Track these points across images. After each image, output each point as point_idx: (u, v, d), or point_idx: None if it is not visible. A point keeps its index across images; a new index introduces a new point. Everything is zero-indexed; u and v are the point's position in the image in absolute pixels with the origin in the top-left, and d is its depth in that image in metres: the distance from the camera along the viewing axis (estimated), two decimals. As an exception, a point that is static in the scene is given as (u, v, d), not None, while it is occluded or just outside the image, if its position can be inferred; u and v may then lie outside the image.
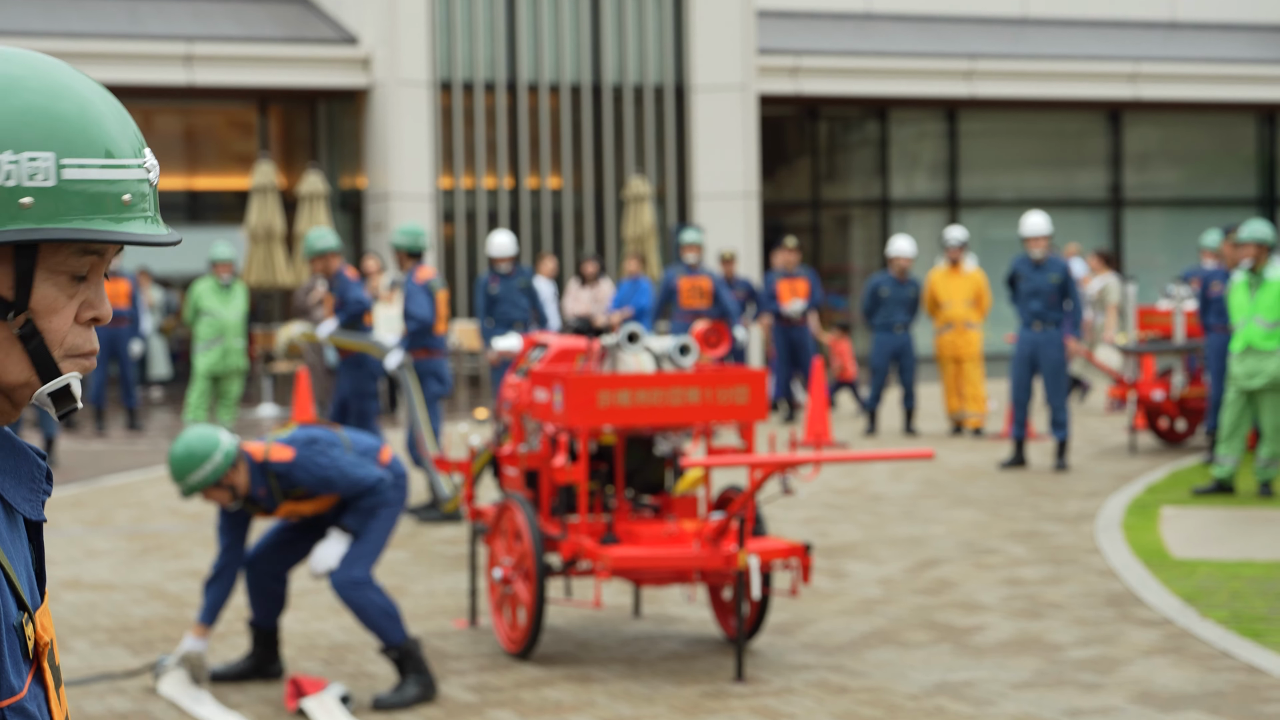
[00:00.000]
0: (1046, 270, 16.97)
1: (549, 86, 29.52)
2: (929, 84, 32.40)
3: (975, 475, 16.68)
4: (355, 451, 8.66)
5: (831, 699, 8.43)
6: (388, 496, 8.59)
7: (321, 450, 8.52)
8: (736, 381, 9.30)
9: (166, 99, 30.36)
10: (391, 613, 8.51)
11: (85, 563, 12.49)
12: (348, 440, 8.72)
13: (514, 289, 19.10)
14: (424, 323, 14.83)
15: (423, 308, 14.86)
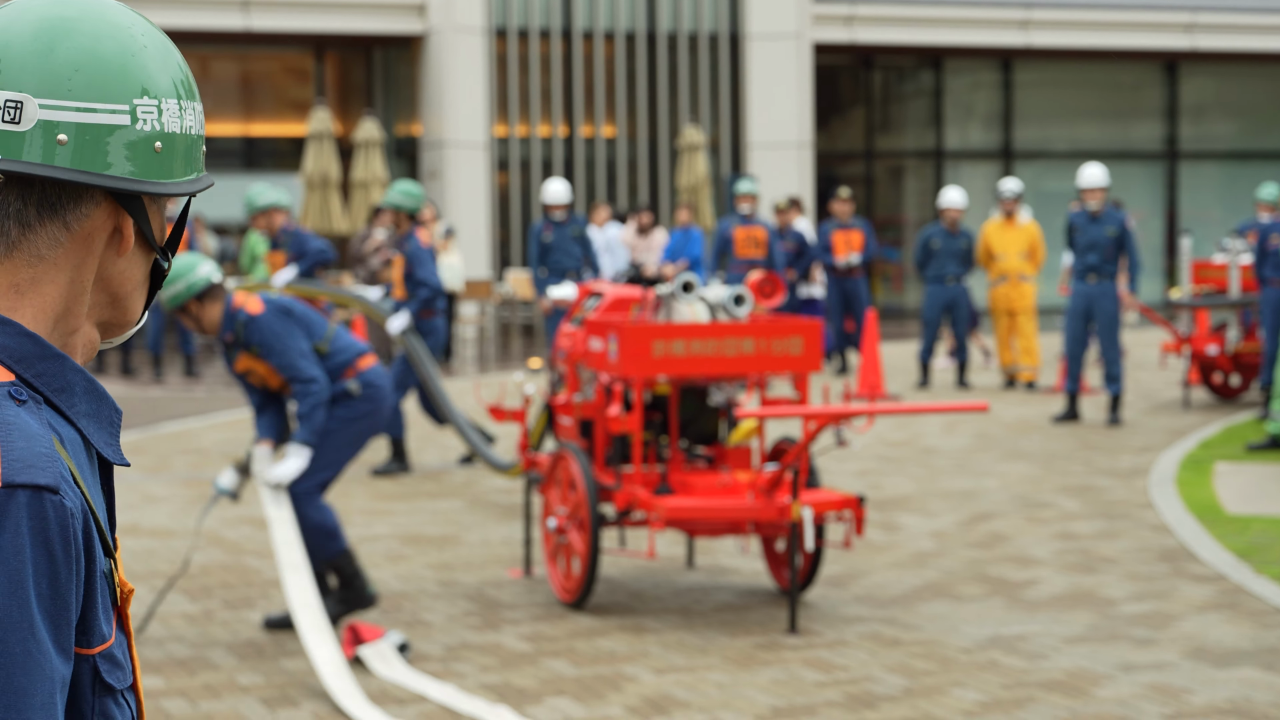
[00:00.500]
0: (1103, 223, 16.91)
1: (604, 34, 29.51)
2: (984, 33, 32.25)
3: (1028, 429, 16.67)
4: (330, 347, 8.96)
5: (884, 651, 8.47)
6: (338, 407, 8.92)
7: (285, 322, 8.79)
8: (791, 332, 9.31)
9: (223, 44, 30.45)
10: (328, 528, 8.76)
11: (144, 509, 12.61)
12: (329, 335, 8.98)
13: (567, 237, 19.13)
14: (437, 290, 14.33)
15: (434, 274, 14.38)
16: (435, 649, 8.60)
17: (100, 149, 1.98)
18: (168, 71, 2.05)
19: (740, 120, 30.34)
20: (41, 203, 2.00)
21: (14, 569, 1.83)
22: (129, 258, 2.07)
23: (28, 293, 2.01)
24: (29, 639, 1.83)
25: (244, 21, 28.13)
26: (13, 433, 1.89)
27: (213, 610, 9.41)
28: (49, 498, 1.86)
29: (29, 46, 1.98)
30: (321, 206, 24.07)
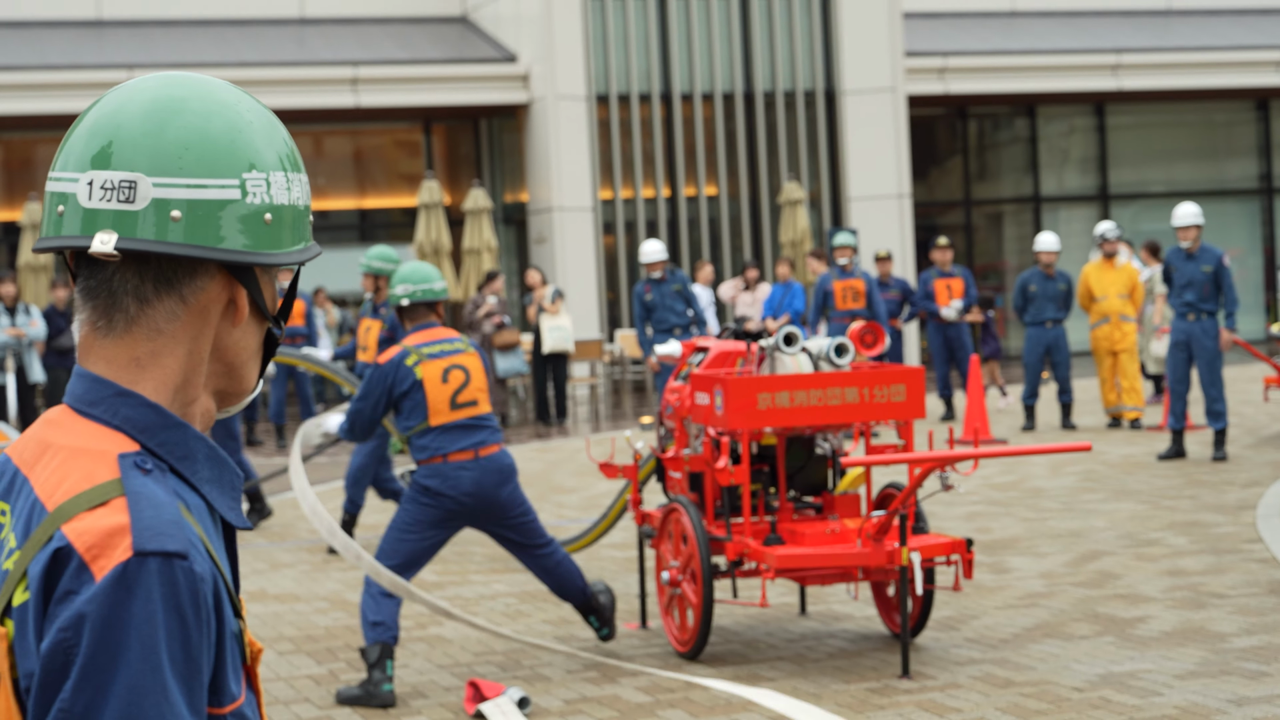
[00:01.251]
0: (1199, 260, 16.98)
1: (702, 95, 29.77)
2: (1076, 79, 32.29)
3: (1134, 467, 16.71)
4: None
5: (997, 693, 8.56)
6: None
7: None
8: (894, 380, 9.45)
9: (335, 121, 30.95)
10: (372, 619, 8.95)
11: (270, 574, 12.90)
12: None
13: (668, 294, 19.34)
14: None
15: None
16: (555, 703, 8.75)
17: (213, 223, 2.04)
18: (274, 146, 2.12)
19: (839, 174, 30.50)
20: (158, 278, 2.06)
21: (147, 635, 1.89)
22: (243, 328, 2.13)
23: (148, 366, 2.07)
24: (163, 703, 1.88)
25: (354, 99, 28.61)
26: (141, 501, 1.95)
27: (338, 671, 9.64)
28: (179, 564, 1.92)
29: (141, 127, 2.05)
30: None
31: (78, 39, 28.64)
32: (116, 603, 1.89)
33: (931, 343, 22.00)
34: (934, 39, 32.15)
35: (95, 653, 1.88)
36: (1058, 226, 33.82)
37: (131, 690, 1.88)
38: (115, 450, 2.01)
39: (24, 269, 24.34)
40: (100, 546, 1.92)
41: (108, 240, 2.02)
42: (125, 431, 2.04)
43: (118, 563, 1.90)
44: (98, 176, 2.04)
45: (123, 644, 1.88)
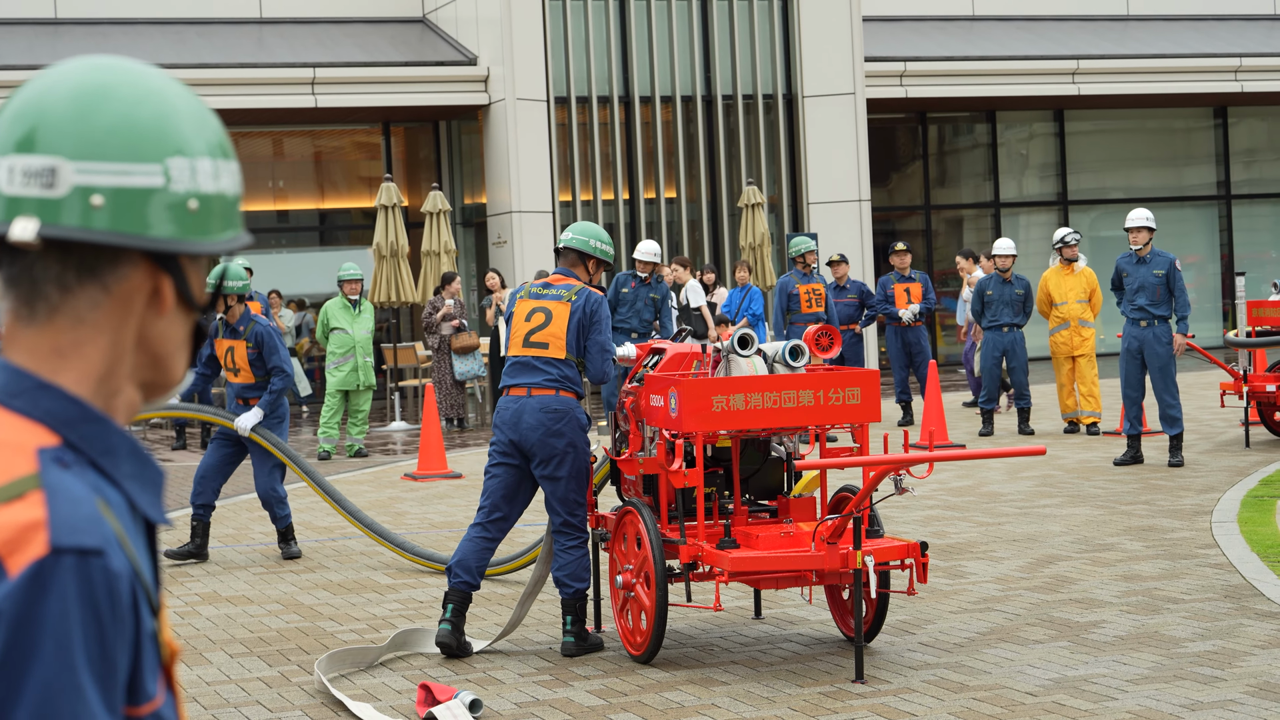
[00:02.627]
0: (1151, 265, 17.03)
1: (661, 99, 29.78)
2: (1035, 85, 32.40)
3: (1091, 472, 16.74)
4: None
5: (951, 697, 8.55)
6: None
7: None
8: (849, 383, 9.44)
9: (294, 123, 30.88)
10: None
11: (223, 577, 12.84)
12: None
13: (644, 297, 19.35)
14: (291, 376, 13.69)
15: (288, 358, 13.71)
16: (507, 706, 8.73)
17: (135, 210, 2.00)
18: (202, 133, 2.07)
19: (799, 178, 30.53)
20: (80, 266, 2.01)
21: (62, 633, 1.85)
22: (169, 318, 2.08)
23: (70, 356, 2.02)
24: (77, 702, 1.85)
25: (313, 100, 28.54)
26: (58, 497, 1.91)
27: (289, 674, 9.59)
28: (95, 561, 1.88)
29: (66, 112, 2.00)
30: (391, 278, 24.37)
31: (34, 38, 28.51)
32: (31, 600, 1.85)
33: (890, 347, 22.02)
34: (894, 44, 32.20)
35: (8, 650, 1.84)
36: (1017, 232, 33.91)
37: (46, 689, 1.84)
38: (34, 444, 1.96)
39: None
40: (15, 542, 1.87)
41: (28, 227, 1.97)
42: (46, 424, 1.99)
43: (33, 559, 1.86)
44: (18, 162, 1.99)
45: (37, 642, 1.84)
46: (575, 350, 9.89)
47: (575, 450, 9.81)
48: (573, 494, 9.86)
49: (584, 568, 9.83)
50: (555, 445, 9.77)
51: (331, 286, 26.31)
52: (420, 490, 17.48)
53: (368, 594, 11.92)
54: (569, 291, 9.94)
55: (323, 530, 14.92)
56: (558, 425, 9.76)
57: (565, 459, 9.79)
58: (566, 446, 9.78)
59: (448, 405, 23.78)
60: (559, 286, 10.00)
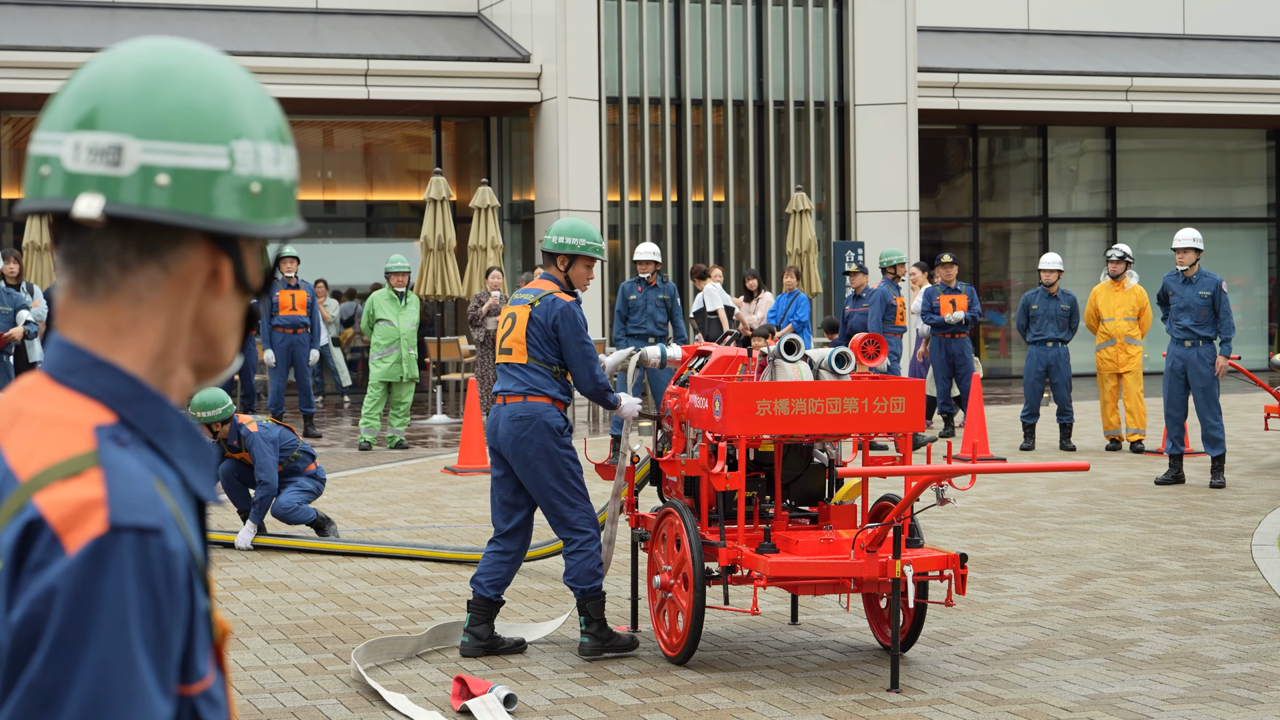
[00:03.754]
0: (1197, 285, 16.97)
1: (713, 102, 29.77)
2: (1088, 101, 32.29)
3: (1132, 490, 16.69)
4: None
5: (986, 710, 8.53)
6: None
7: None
8: (894, 392, 9.43)
9: (345, 114, 30.96)
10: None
11: (261, 563, 12.88)
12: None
13: (653, 300, 19.34)
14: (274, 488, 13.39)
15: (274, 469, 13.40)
16: (541, 702, 8.74)
17: (200, 191, 2.00)
18: (263, 117, 2.08)
19: (847, 186, 30.50)
20: (141, 244, 2.01)
21: (119, 611, 1.85)
22: (225, 300, 2.08)
23: (127, 334, 2.03)
24: (132, 681, 1.85)
25: (365, 92, 28.61)
26: (117, 475, 1.91)
27: (325, 662, 9.62)
28: (153, 539, 1.88)
29: (131, 91, 2.00)
30: (438, 271, 24.42)
31: (91, 20, 28.63)
32: (89, 577, 1.85)
33: (933, 357, 21.97)
34: (947, 55, 32.14)
35: (65, 627, 1.85)
36: (1064, 248, 33.82)
37: (101, 666, 1.84)
38: (91, 421, 1.97)
39: (29, 248, 24.32)
40: (74, 519, 1.88)
41: (93, 204, 1.98)
42: (102, 401, 2.00)
43: (92, 536, 1.87)
44: (84, 139, 1.99)
45: (94, 619, 1.85)
46: (541, 355, 9.71)
47: (548, 455, 9.63)
48: (556, 499, 9.67)
49: (589, 570, 9.69)
50: (525, 453, 9.63)
51: (377, 278, 26.41)
52: (460, 484, 17.51)
53: (405, 585, 11.95)
54: (534, 296, 9.81)
55: (362, 520, 14.96)
56: (524, 433, 9.62)
57: (538, 465, 9.63)
58: (537, 453, 9.62)
59: (489, 400, 23.81)
60: (529, 290, 9.91)
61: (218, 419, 13.16)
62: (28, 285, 19.70)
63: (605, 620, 9.72)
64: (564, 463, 9.68)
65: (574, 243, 9.82)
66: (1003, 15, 33.95)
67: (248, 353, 21.10)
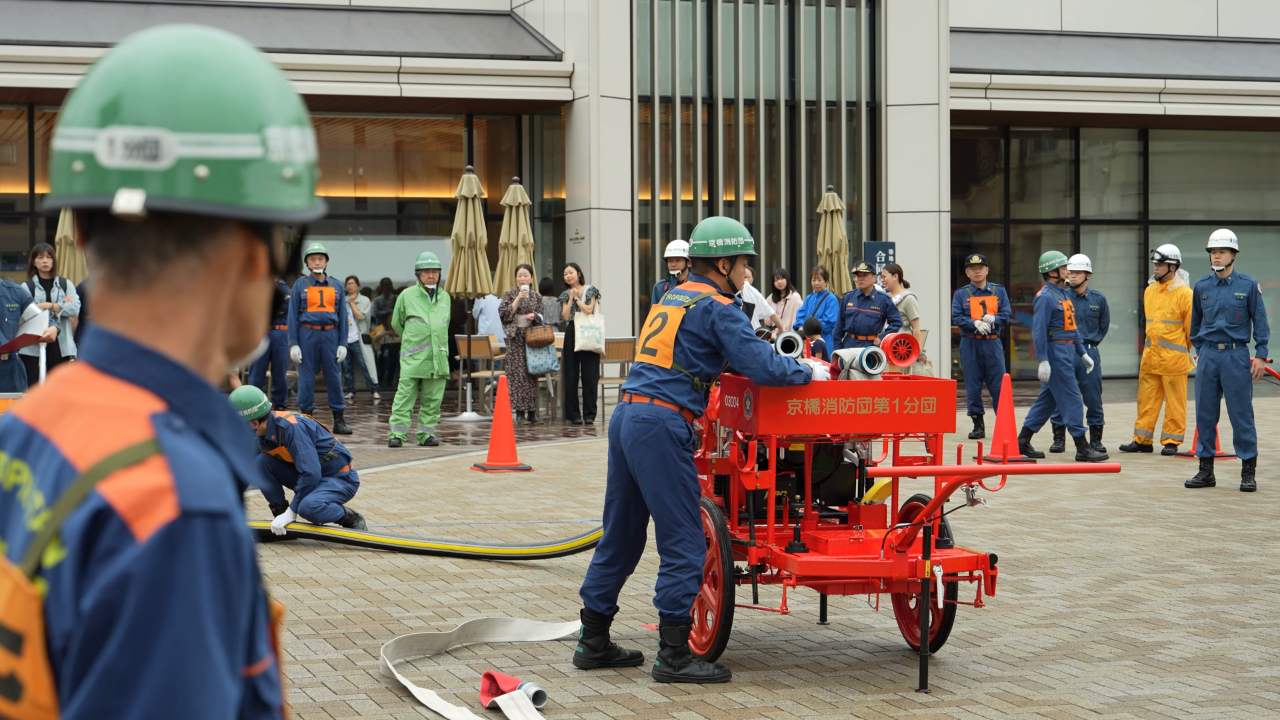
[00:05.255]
0: (1232, 287, 16.93)
1: (745, 101, 29.76)
2: (1121, 103, 32.21)
3: (1162, 493, 16.65)
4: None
5: (1014, 711, 8.52)
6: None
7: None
8: (926, 392, 9.43)
9: (377, 111, 31.01)
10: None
11: (291, 558, 12.92)
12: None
13: None
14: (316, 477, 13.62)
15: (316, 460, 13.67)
16: (570, 699, 8.75)
17: (237, 180, 2.02)
18: (287, 102, 2.10)
19: (879, 187, 30.47)
20: (180, 236, 2.03)
21: (192, 595, 1.88)
22: (259, 285, 2.11)
23: (169, 323, 2.05)
24: (205, 663, 1.88)
25: (398, 90, 28.66)
26: (182, 461, 1.94)
27: (355, 657, 9.65)
28: (223, 524, 1.92)
29: (158, 82, 2.01)
30: (469, 269, 24.45)
31: (125, 16, 28.72)
32: (162, 562, 1.88)
33: (964, 359, 21.94)
34: (980, 56, 32.10)
35: (140, 612, 1.87)
36: (1095, 250, 33.74)
37: (175, 649, 1.87)
38: (144, 409, 1.99)
39: (61, 242, 24.41)
40: (143, 506, 1.90)
41: (133, 199, 1.99)
42: (151, 390, 2.02)
43: (163, 522, 1.89)
44: (118, 134, 2.01)
45: (168, 604, 1.88)
46: (685, 360, 9.25)
47: (665, 464, 9.13)
48: (665, 513, 9.16)
49: (672, 598, 9.15)
50: (643, 457, 9.16)
51: (408, 275, 26.43)
52: (489, 481, 17.54)
53: (435, 581, 11.98)
54: (690, 298, 9.35)
55: (391, 516, 14.99)
56: (645, 436, 9.15)
57: (654, 473, 9.15)
58: (655, 460, 9.13)
59: (519, 398, 23.85)
60: (684, 292, 9.45)
61: (255, 416, 13.23)
62: (60, 280, 19.76)
63: (683, 648, 9.19)
64: (680, 476, 9.17)
65: (733, 243, 9.41)
66: (1036, 16, 33.90)
67: (279, 349, 21.10)
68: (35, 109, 29.86)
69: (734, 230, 9.51)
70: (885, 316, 21.92)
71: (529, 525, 14.60)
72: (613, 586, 9.50)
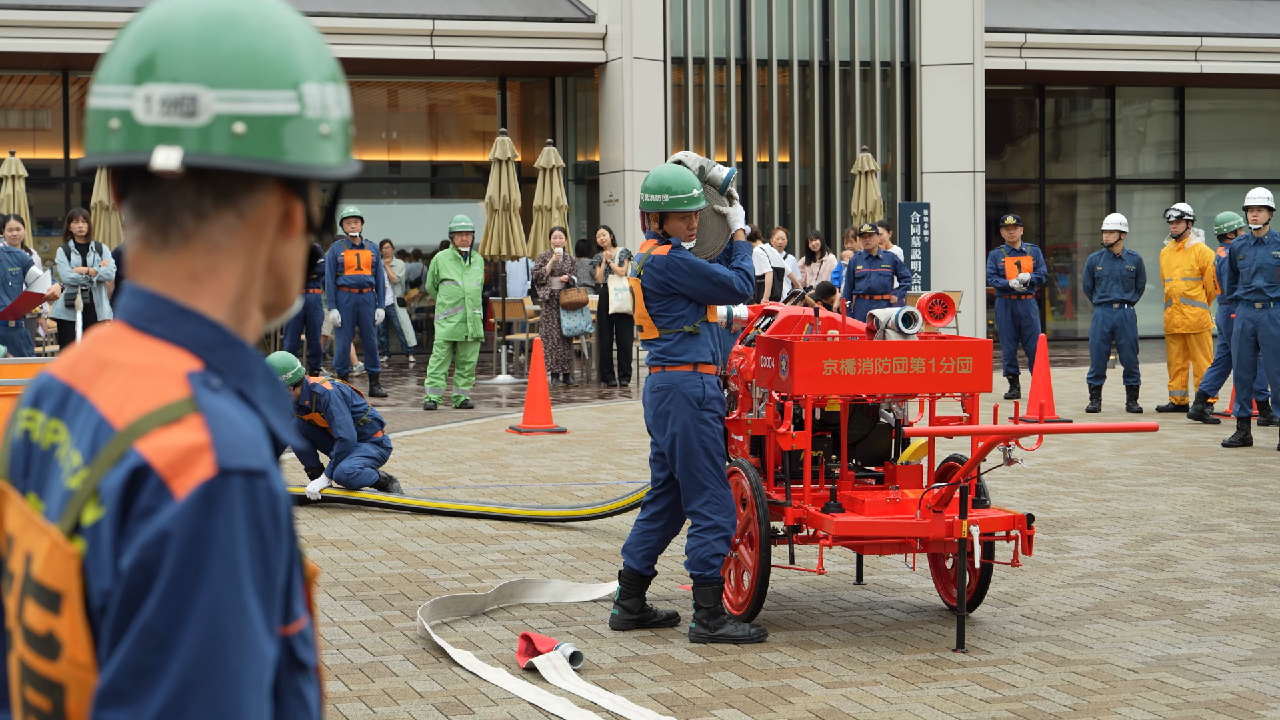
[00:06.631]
0: (1269, 246, 16.84)
1: (779, 63, 29.68)
2: (1156, 62, 32.04)
3: (1198, 453, 16.60)
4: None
5: (1052, 670, 8.52)
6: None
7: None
8: (961, 352, 9.39)
9: (411, 74, 31.00)
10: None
11: (328, 520, 12.96)
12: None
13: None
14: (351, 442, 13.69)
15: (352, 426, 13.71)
16: (607, 660, 8.77)
17: (274, 136, 2.01)
18: (322, 59, 2.08)
19: (913, 148, 30.38)
20: (217, 193, 2.02)
21: (230, 553, 1.88)
22: (295, 241, 2.10)
23: (206, 281, 2.04)
24: (243, 622, 1.88)
25: (431, 53, 28.63)
26: (220, 420, 1.93)
27: (392, 619, 9.67)
28: (260, 482, 1.91)
29: (194, 39, 2.00)
30: (503, 231, 24.46)
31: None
32: (200, 520, 1.88)
33: (999, 319, 21.89)
34: (1015, 15, 31.95)
35: (179, 570, 1.87)
36: (1131, 209, 33.61)
37: (214, 607, 1.87)
38: (181, 368, 1.99)
39: (96, 207, 24.47)
40: (181, 464, 1.90)
41: (171, 156, 1.98)
42: (188, 349, 2.01)
43: (201, 480, 1.89)
44: (155, 90, 2.00)
45: (206, 562, 1.88)
46: (666, 320, 9.23)
47: (684, 429, 9.13)
48: (689, 478, 9.19)
49: (700, 559, 9.17)
50: (663, 427, 9.21)
51: (441, 238, 26.45)
52: (525, 444, 17.56)
53: (471, 543, 12.00)
54: (638, 263, 9.41)
55: (427, 479, 15.02)
56: (662, 405, 9.19)
57: (675, 439, 9.17)
58: (676, 427, 9.15)
59: (554, 360, 23.87)
60: (636, 258, 9.49)
61: (290, 382, 13.22)
62: (96, 245, 19.81)
63: (717, 608, 9.20)
64: (701, 440, 9.15)
65: (647, 199, 9.34)
66: (1070, -25, 33.74)
67: (313, 312, 21.11)
68: (69, 74, 29.90)
69: (655, 186, 9.32)
70: (895, 274, 21.90)
71: (564, 487, 14.61)
72: (654, 544, 9.51)
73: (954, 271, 30.12)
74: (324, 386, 13.63)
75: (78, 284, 19.33)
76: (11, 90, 30.82)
